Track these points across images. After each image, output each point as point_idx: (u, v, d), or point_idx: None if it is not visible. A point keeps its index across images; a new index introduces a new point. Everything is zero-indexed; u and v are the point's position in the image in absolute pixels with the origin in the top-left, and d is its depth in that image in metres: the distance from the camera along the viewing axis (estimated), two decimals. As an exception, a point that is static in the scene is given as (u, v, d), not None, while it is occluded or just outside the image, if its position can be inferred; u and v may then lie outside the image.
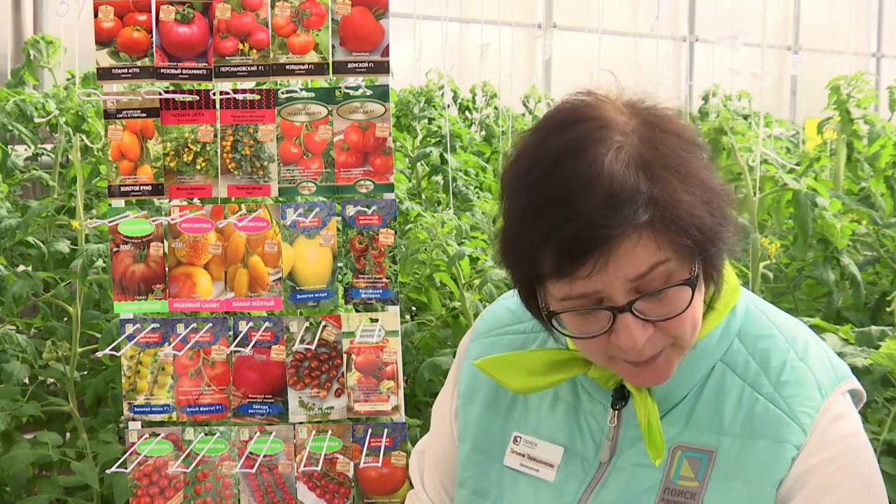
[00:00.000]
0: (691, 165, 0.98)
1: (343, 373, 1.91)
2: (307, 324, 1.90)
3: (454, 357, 2.69)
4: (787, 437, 1.01)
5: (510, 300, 1.27)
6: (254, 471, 1.90)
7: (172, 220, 1.89)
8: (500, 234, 1.02)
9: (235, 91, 1.90)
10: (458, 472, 1.21)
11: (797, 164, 3.54)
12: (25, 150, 3.80)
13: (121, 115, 1.88)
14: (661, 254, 0.95)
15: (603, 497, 1.07)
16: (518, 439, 1.15)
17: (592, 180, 0.93)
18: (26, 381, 2.68)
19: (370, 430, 1.91)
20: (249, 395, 1.91)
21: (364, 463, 1.90)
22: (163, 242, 1.90)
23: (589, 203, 0.93)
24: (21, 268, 3.20)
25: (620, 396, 1.10)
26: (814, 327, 2.16)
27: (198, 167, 1.89)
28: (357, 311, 1.97)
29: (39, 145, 3.80)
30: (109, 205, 1.91)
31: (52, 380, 2.89)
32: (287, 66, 1.86)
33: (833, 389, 1.05)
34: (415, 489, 1.34)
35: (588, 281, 0.95)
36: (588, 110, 0.99)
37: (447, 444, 1.26)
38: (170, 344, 1.89)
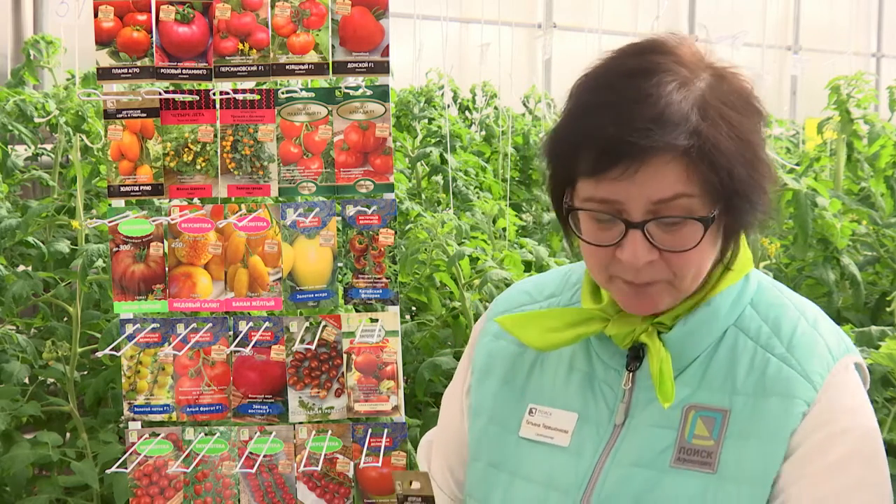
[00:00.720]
0: (745, 125, 1.03)
1: (343, 373, 1.91)
2: (307, 324, 1.90)
3: (454, 357, 2.70)
4: (798, 393, 1.04)
5: (525, 284, 1.30)
6: (254, 471, 1.90)
7: (172, 220, 1.89)
8: (552, 129, 1.07)
9: (235, 91, 1.90)
10: (472, 446, 1.22)
11: (797, 164, 3.55)
12: (25, 150, 3.80)
13: (121, 115, 1.88)
14: (688, 185, 1.00)
15: (621, 458, 1.09)
16: (534, 410, 1.18)
17: (650, 97, 0.99)
18: (26, 381, 2.68)
19: (370, 430, 1.91)
20: (249, 395, 1.91)
21: (364, 463, 1.90)
22: (163, 242, 1.90)
23: (639, 114, 0.98)
24: (21, 268, 3.20)
25: (635, 357, 1.12)
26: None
27: (198, 167, 1.89)
28: (357, 311, 1.97)
29: (39, 145, 3.80)
30: (109, 205, 1.91)
31: (52, 380, 2.89)
32: (287, 66, 1.86)
33: (843, 355, 1.08)
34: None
35: (614, 185, 1.00)
36: (669, 46, 1.05)
37: (457, 426, 1.28)
38: (170, 344, 1.89)
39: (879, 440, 1.08)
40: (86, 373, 2.95)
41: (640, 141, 0.98)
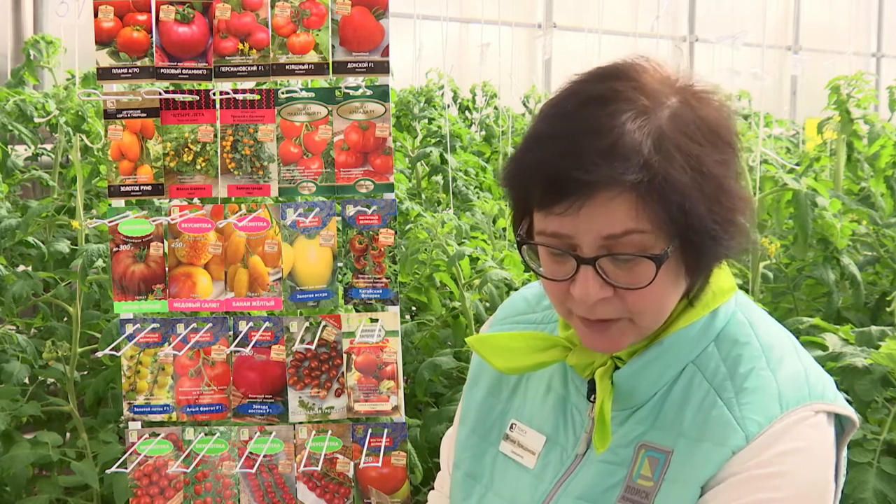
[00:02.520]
0: (707, 157, 0.98)
1: (343, 373, 1.91)
2: (307, 324, 1.90)
3: (454, 357, 2.70)
4: (727, 441, 0.99)
5: (528, 290, 1.29)
6: (254, 471, 1.90)
7: (172, 220, 1.89)
8: (508, 158, 1.04)
9: (235, 91, 1.90)
10: (456, 453, 1.23)
11: (797, 164, 3.55)
12: (25, 150, 3.80)
13: (121, 115, 1.88)
14: (638, 222, 0.95)
15: (571, 489, 1.08)
16: (514, 426, 1.17)
17: (602, 128, 0.95)
18: (26, 381, 2.68)
19: (370, 430, 1.91)
20: (249, 395, 1.91)
21: (364, 463, 1.90)
22: (163, 242, 1.90)
23: (588, 147, 0.94)
24: (21, 268, 3.20)
25: (593, 389, 1.10)
26: (814, 327, 2.16)
27: (198, 167, 1.89)
28: (357, 311, 1.97)
29: (39, 145, 3.80)
30: (109, 205, 1.91)
31: (52, 380, 2.89)
32: (287, 66, 1.86)
33: (797, 405, 1.00)
34: (441, 472, 1.37)
35: (563, 220, 0.97)
36: (634, 72, 1.01)
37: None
38: (170, 344, 1.89)
39: (814, 492, 1.00)
40: (86, 373, 2.95)
41: (583, 176, 0.93)
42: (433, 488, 1.39)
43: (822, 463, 1.02)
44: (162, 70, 1.86)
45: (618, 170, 0.93)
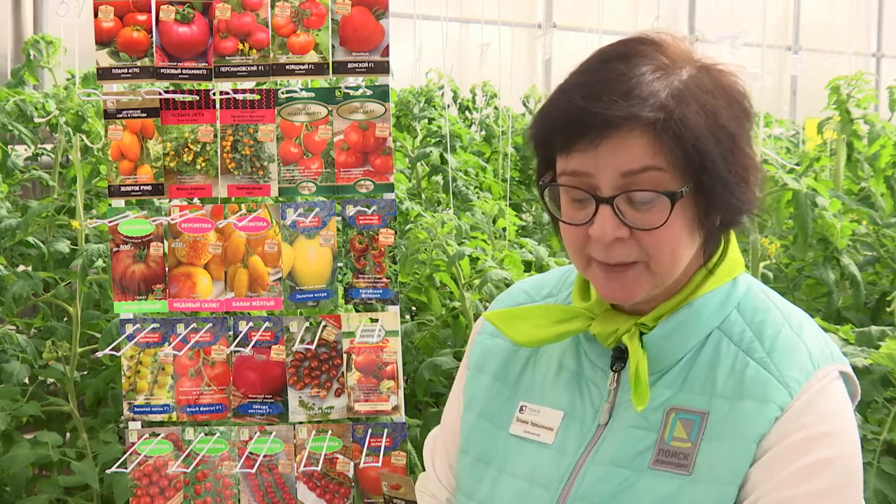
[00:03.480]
0: (722, 112, 1.03)
1: (343, 373, 1.91)
2: (307, 324, 1.90)
3: (454, 357, 2.70)
4: (772, 398, 1.04)
5: (524, 283, 1.31)
6: (254, 471, 1.90)
7: (172, 220, 1.89)
8: (537, 111, 1.10)
9: (235, 91, 1.90)
10: (462, 439, 1.24)
11: (797, 164, 3.55)
12: (25, 150, 3.80)
13: (121, 115, 1.88)
14: (655, 158, 1.01)
15: (601, 457, 1.10)
16: (524, 408, 1.19)
17: (623, 77, 1.01)
18: (26, 381, 2.68)
19: (370, 430, 1.91)
20: (249, 395, 1.91)
21: (364, 463, 1.90)
22: (163, 242, 1.90)
23: (608, 89, 1.01)
24: (21, 268, 3.20)
25: (619, 357, 1.13)
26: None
27: (198, 167, 1.89)
28: (357, 311, 1.97)
29: (39, 145, 3.80)
30: (109, 205, 1.91)
31: (52, 380, 2.89)
32: (287, 66, 1.86)
33: (826, 364, 1.07)
34: (425, 472, 1.37)
35: (582, 158, 1.03)
36: (658, 39, 1.07)
37: (456, 422, 1.29)
38: (170, 344, 1.89)
39: (856, 449, 1.07)
40: (86, 373, 2.95)
41: (603, 111, 0.99)
42: None
43: (853, 421, 1.08)
44: (162, 70, 1.86)
45: (635, 108, 0.99)
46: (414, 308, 3.24)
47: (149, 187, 1.89)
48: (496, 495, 1.16)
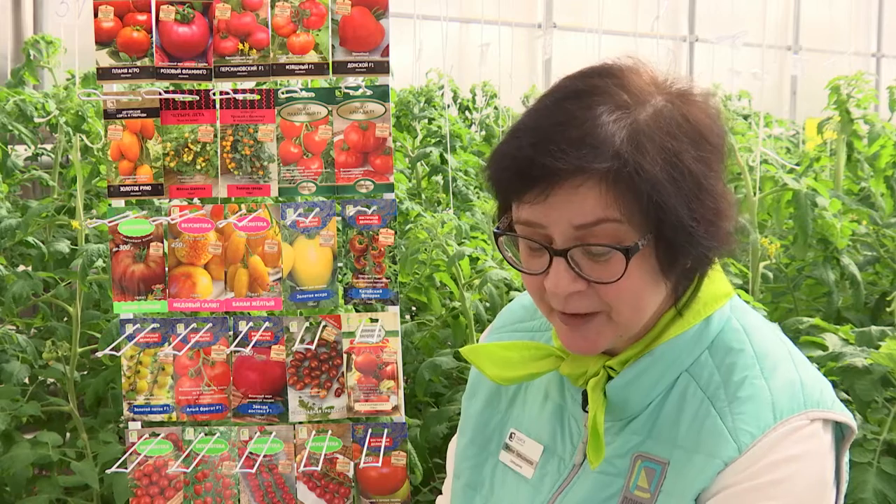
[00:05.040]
0: (685, 154, 0.96)
1: (343, 373, 1.91)
2: (307, 324, 1.90)
3: (454, 357, 2.70)
4: (720, 452, 0.98)
5: (526, 297, 1.28)
6: (254, 471, 1.90)
7: (172, 220, 1.89)
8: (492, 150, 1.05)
9: (235, 91, 1.90)
10: (456, 463, 1.23)
11: (797, 164, 3.55)
12: (25, 150, 3.80)
13: (121, 115, 1.88)
14: (609, 210, 0.94)
15: (570, 499, 1.08)
16: (513, 435, 1.17)
17: (576, 120, 0.95)
18: (26, 381, 2.68)
19: (370, 430, 1.91)
20: (249, 395, 1.91)
21: (364, 463, 1.90)
22: (163, 242, 1.90)
23: (559, 137, 0.94)
24: (21, 268, 3.20)
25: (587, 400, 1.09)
26: (814, 327, 2.16)
27: (198, 167, 1.89)
28: (357, 311, 1.97)
29: (39, 145, 3.80)
30: (109, 205, 1.91)
31: (52, 380, 2.89)
32: (287, 66, 1.86)
33: (791, 414, 0.99)
34: (447, 482, 1.36)
35: (534, 209, 0.97)
36: (620, 71, 1.00)
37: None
38: (170, 344, 1.89)
39: (815, 496, 0.99)
40: (86, 373, 2.95)
41: (550, 163, 0.93)
42: (433, 489, 1.39)
43: (817, 470, 1.00)
44: (162, 70, 1.86)
45: (586, 158, 0.93)
46: (414, 308, 3.24)
47: (149, 187, 1.89)
48: None
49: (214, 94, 1.87)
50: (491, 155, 1.02)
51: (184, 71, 1.87)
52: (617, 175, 0.93)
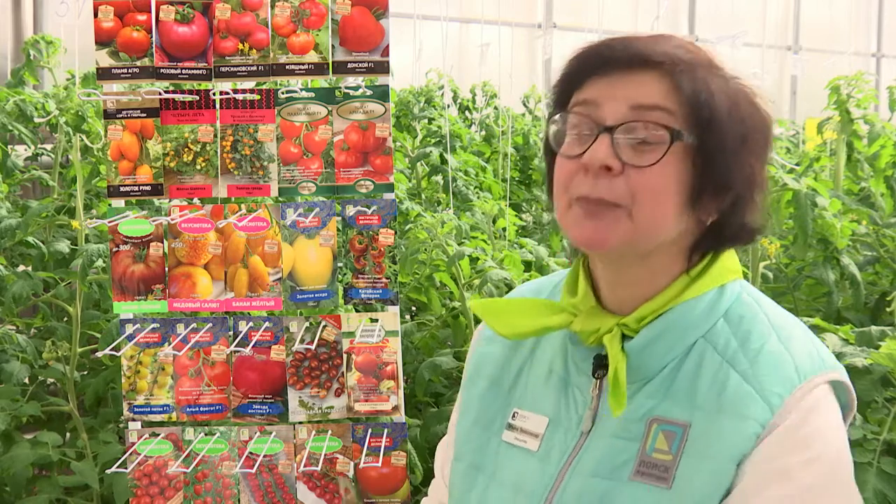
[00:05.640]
0: (744, 100, 1.06)
1: (343, 373, 1.91)
2: (307, 324, 1.90)
3: (454, 357, 2.70)
4: (751, 413, 1.00)
5: (523, 288, 1.31)
6: (254, 471, 1.90)
7: (172, 220, 1.89)
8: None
9: (235, 91, 1.90)
10: (457, 446, 1.23)
11: (797, 164, 3.55)
12: (25, 150, 3.80)
13: (121, 115, 1.88)
14: (667, 100, 1.03)
15: (582, 467, 1.08)
16: (516, 414, 1.18)
17: (658, 38, 1.07)
18: (26, 381, 2.68)
19: (370, 430, 1.91)
20: (249, 395, 1.91)
21: (364, 463, 1.90)
22: (163, 242, 1.90)
23: (639, 39, 1.06)
24: (21, 268, 3.20)
25: (600, 364, 1.11)
26: (814, 327, 2.16)
27: (198, 167, 1.89)
28: (357, 311, 1.97)
29: (39, 145, 3.80)
30: (109, 205, 1.91)
31: (52, 380, 2.89)
32: (287, 66, 1.86)
33: (813, 375, 1.03)
34: (435, 479, 1.37)
35: (598, 85, 1.05)
36: (686, 38, 1.11)
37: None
38: (170, 344, 1.89)
39: (847, 468, 1.04)
40: (86, 373, 2.95)
41: (629, 45, 1.04)
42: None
43: (841, 436, 1.05)
44: (162, 70, 1.86)
45: (660, 55, 1.03)
46: (414, 308, 3.24)
47: (148, 187, 1.89)
48: (485, 503, 1.16)
49: (214, 94, 1.87)
50: (567, 57, 1.11)
51: (184, 71, 1.87)
52: (683, 74, 1.03)
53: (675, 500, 1.01)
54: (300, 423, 1.91)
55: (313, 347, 1.89)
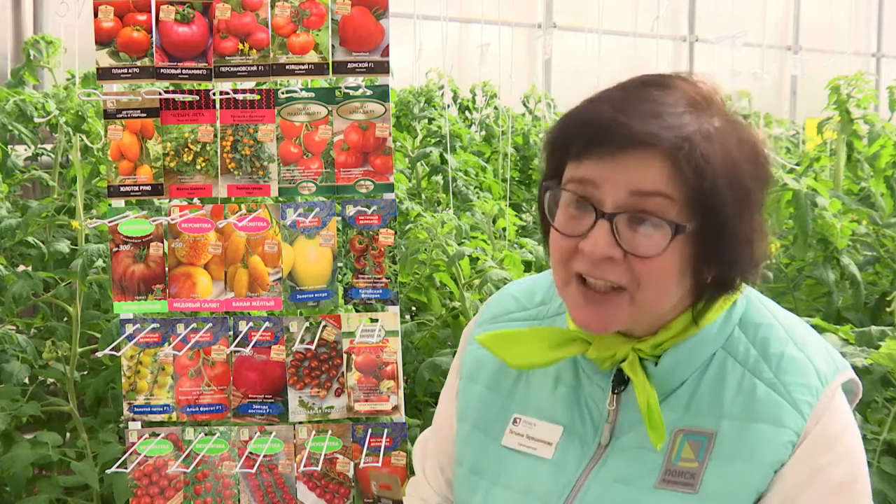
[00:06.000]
0: (743, 168, 1.02)
1: (343, 373, 1.91)
2: (307, 324, 1.90)
3: (454, 357, 2.70)
4: (786, 422, 1.04)
5: (515, 288, 1.30)
6: (254, 471, 1.90)
7: (172, 220, 1.89)
8: (560, 118, 1.09)
9: (235, 91, 1.90)
10: (457, 450, 1.23)
11: (797, 164, 3.55)
12: (25, 150, 3.80)
13: (121, 115, 1.88)
14: (668, 186, 0.99)
15: (604, 475, 1.09)
16: (518, 420, 1.18)
17: (656, 102, 1.01)
18: (26, 381, 2.68)
19: (370, 430, 1.91)
20: (249, 395, 1.91)
21: (364, 463, 1.90)
22: (163, 242, 1.90)
23: (640, 108, 1.00)
24: (21, 268, 3.20)
25: (620, 381, 1.12)
26: (814, 327, 2.16)
27: (198, 167, 1.89)
28: (357, 311, 1.97)
29: (39, 145, 3.80)
30: (109, 205, 1.91)
31: (52, 380, 2.89)
32: (287, 66, 1.86)
33: (833, 378, 1.07)
34: (416, 476, 1.37)
35: (596, 166, 1.01)
36: (695, 81, 1.08)
37: (447, 427, 1.29)
38: (170, 344, 1.89)
39: (864, 460, 1.09)
40: (86, 373, 2.94)
41: (631, 125, 0.98)
42: None
43: (857, 431, 1.10)
44: (162, 70, 1.86)
45: (663, 132, 0.98)
46: (414, 308, 3.23)
47: (148, 187, 1.89)
48: None
49: (214, 94, 1.87)
50: (561, 118, 1.07)
51: (184, 71, 1.87)
52: (688, 155, 0.99)
53: (703, 502, 1.04)
54: (300, 423, 1.91)
55: (313, 347, 1.89)
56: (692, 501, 1.04)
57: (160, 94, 1.88)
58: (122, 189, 1.89)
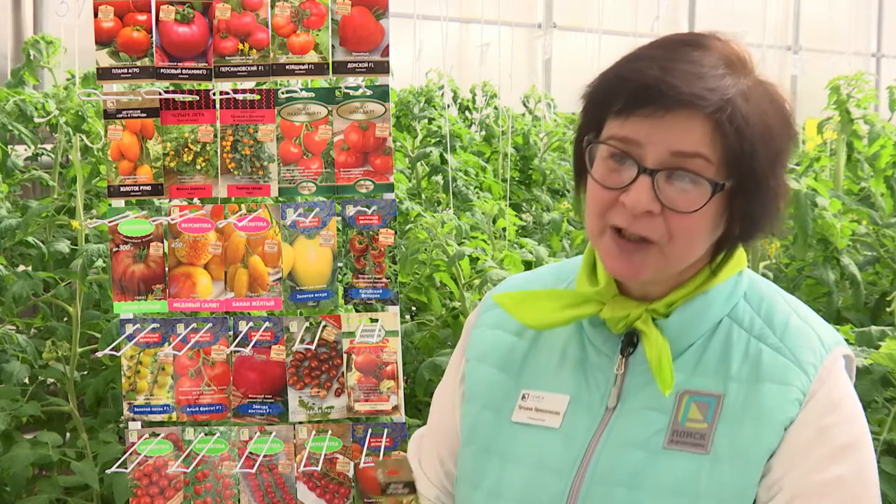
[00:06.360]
0: (776, 129, 1.07)
1: (343, 372, 1.91)
2: (307, 324, 1.90)
3: (456, 348, 2.70)
4: (792, 381, 1.07)
5: (516, 277, 1.33)
6: (254, 471, 1.90)
7: (172, 220, 1.89)
8: (600, 72, 1.11)
9: (235, 91, 1.90)
10: (464, 432, 1.24)
11: (797, 164, 3.55)
12: (25, 150, 3.80)
13: (121, 115, 1.88)
14: (710, 148, 1.03)
15: (613, 439, 1.11)
16: (526, 396, 1.19)
17: (697, 63, 1.04)
18: (26, 381, 2.68)
19: (370, 430, 1.91)
20: (249, 395, 1.91)
21: (364, 463, 1.90)
22: (163, 242, 1.90)
23: (683, 69, 1.03)
24: (21, 268, 3.20)
25: (629, 343, 1.14)
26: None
27: (198, 167, 1.89)
28: (357, 311, 1.97)
29: (39, 145, 3.80)
30: (109, 205, 1.91)
31: (52, 380, 2.89)
32: (287, 66, 1.86)
33: (835, 347, 1.11)
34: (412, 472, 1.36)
35: (641, 125, 1.04)
36: (727, 39, 1.10)
37: (449, 418, 1.29)
38: (170, 344, 1.89)
39: (867, 430, 1.13)
40: (86, 373, 2.95)
41: (678, 85, 1.01)
42: None
43: (859, 402, 1.14)
44: (162, 70, 1.86)
45: (707, 94, 1.02)
46: (414, 308, 3.24)
47: (148, 187, 1.89)
48: (504, 484, 1.16)
49: (214, 94, 1.87)
50: (602, 73, 1.09)
51: (184, 71, 1.87)
52: (730, 118, 1.02)
53: (717, 463, 1.07)
54: (300, 423, 1.91)
55: (313, 347, 1.89)
56: (704, 462, 1.07)
57: (160, 94, 1.88)
58: (122, 189, 1.89)
